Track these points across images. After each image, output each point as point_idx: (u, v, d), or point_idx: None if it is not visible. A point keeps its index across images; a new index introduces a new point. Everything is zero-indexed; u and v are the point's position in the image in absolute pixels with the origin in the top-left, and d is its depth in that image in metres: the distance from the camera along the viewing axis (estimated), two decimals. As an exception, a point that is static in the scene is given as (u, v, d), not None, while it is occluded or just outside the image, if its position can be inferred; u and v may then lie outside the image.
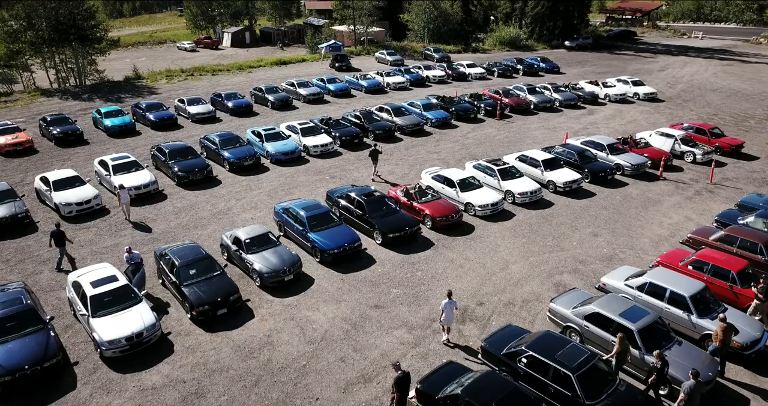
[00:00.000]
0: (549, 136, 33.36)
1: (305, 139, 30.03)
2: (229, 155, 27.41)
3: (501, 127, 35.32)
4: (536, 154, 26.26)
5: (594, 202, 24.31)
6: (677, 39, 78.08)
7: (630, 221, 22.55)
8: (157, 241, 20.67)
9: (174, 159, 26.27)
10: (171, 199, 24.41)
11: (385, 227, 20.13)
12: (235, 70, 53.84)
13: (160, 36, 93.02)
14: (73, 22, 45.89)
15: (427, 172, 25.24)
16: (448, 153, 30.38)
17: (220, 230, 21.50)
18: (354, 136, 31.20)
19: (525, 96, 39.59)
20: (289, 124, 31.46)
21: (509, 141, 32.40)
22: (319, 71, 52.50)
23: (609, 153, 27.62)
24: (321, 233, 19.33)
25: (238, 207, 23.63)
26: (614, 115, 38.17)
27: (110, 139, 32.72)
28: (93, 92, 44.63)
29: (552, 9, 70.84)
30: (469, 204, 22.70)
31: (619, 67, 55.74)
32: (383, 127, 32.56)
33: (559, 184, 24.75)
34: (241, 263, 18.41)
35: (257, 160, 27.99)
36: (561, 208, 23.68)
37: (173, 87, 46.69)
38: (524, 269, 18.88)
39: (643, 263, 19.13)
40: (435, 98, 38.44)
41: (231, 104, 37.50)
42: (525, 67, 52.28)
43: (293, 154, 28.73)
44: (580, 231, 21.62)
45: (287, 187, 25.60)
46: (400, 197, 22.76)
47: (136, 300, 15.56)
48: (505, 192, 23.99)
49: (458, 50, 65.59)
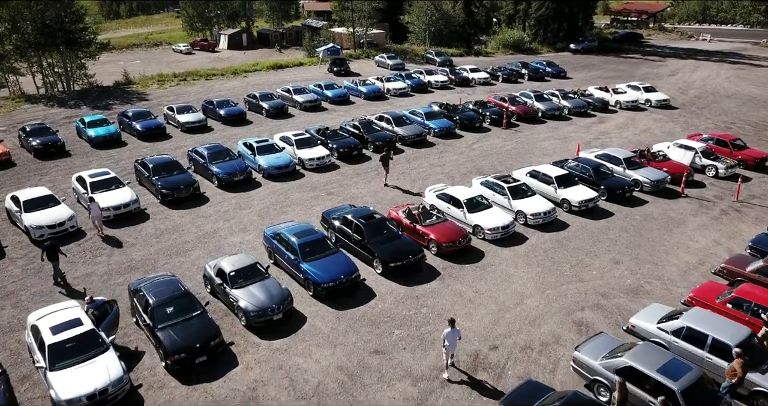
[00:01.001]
0: (559, 147, 31.45)
1: (300, 151, 28.11)
2: (217, 170, 25.49)
3: (508, 137, 33.42)
4: (549, 170, 24.33)
5: (612, 223, 22.40)
6: (685, 41, 76.17)
7: (653, 245, 20.64)
8: (135, 270, 18.75)
9: (158, 175, 24.35)
10: (153, 220, 22.50)
11: (385, 256, 18.20)
12: (230, 74, 51.95)
13: (156, 38, 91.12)
14: (60, 25, 43.99)
15: (431, 190, 23.33)
16: (452, 166, 28.48)
17: (204, 256, 19.60)
18: (352, 147, 29.28)
19: (532, 103, 37.65)
20: (283, 135, 29.54)
21: (517, 153, 30.49)
22: (317, 76, 50.57)
23: (626, 168, 25.69)
24: (314, 263, 17.39)
25: (226, 229, 21.71)
26: (626, 124, 36.27)
27: (94, 151, 30.81)
28: (80, 98, 42.71)
29: (556, 11, 68.87)
30: (478, 227, 20.78)
31: (627, 72, 53.83)
32: (383, 137, 30.64)
33: (574, 203, 22.84)
34: (226, 299, 16.50)
35: (248, 175, 26.08)
36: (577, 230, 21.77)
37: (164, 93, 44.76)
38: (541, 304, 16.97)
39: (672, 298, 17.23)
40: (438, 106, 36.54)
41: (223, 112, 35.59)
42: (530, 71, 50.35)
43: (287, 169, 26.81)
44: (600, 258, 19.71)
45: (280, 206, 23.70)
46: (402, 219, 20.85)
47: (103, 348, 13.64)
48: (516, 213, 22.08)
49: (460, 53, 63.66)
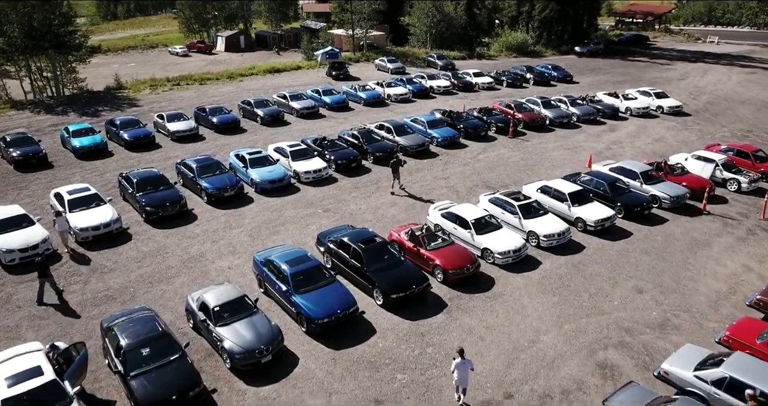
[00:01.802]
0: (569, 158, 29.79)
1: (296, 163, 26.45)
2: (207, 185, 23.82)
3: (515, 146, 31.75)
4: (561, 186, 22.66)
5: (631, 244, 20.73)
6: (692, 44, 74.50)
7: (678, 270, 18.98)
8: (112, 301, 17.09)
9: (142, 190, 22.69)
10: (136, 241, 20.84)
11: (387, 285, 16.54)
12: (225, 78, 50.30)
13: (153, 40, 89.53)
14: (48, 27, 42.38)
15: (435, 208, 21.67)
16: (457, 179, 26.82)
17: (189, 283, 17.95)
18: (351, 159, 27.62)
19: (539, 110, 35.99)
20: (278, 147, 27.87)
21: (525, 164, 28.82)
22: (315, 80, 48.95)
23: (643, 182, 24.02)
24: (308, 295, 15.72)
25: (214, 252, 20.05)
26: (638, 132, 34.61)
27: (78, 162, 29.16)
28: (68, 105, 41.05)
29: (561, 12, 67.24)
30: (487, 250, 19.11)
31: (635, 76, 52.18)
32: (384, 148, 28.96)
33: (590, 222, 21.17)
34: (209, 336, 14.85)
35: (239, 189, 24.41)
36: (594, 252, 20.10)
37: (156, 98, 43.11)
38: (559, 342, 15.31)
39: (704, 334, 15.57)
40: (440, 113, 34.89)
41: (216, 120, 33.92)
42: (535, 75, 48.66)
43: (281, 183, 25.15)
44: (621, 285, 18.04)
45: (272, 225, 22.04)
46: (405, 241, 19.18)
47: (65, 401, 11.96)
48: (528, 233, 20.43)
49: (463, 56, 62.03)
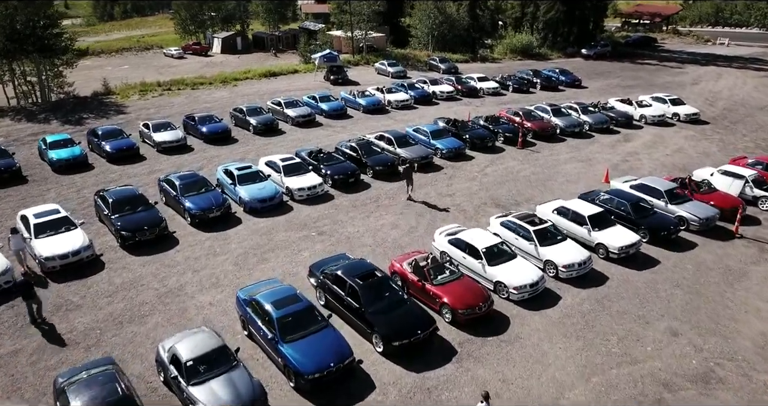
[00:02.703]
0: (584, 171, 27.69)
1: (289, 179, 24.35)
2: (190, 205, 21.71)
3: (524, 158, 29.64)
4: (580, 207, 20.55)
5: (660, 274, 18.63)
6: (701, 46, 72.34)
7: (715, 307, 16.88)
8: (74, 346, 14.99)
9: (118, 212, 20.60)
10: (109, 270, 18.74)
11: (388, 330, 14.44)
12: (219, 83, 48.20)
13: (148, 41, 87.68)
14: (32, 30, 40.34)
15: (442, 233, 19.57)
16: (463, 196, 24.73)
17: (164, 324, 15.87)
18: (349, 174, 25.52)
19: (549, 119, 33.90)
20: (269, 161, 25.76)
21: (537, 179, 26.72)
22: (313, 85, 46.86)
23: (669, 202, 21.93)
24: (297, 344, 13.61)
25: (195, 284, 17.95)
26: (655, 143, 32.49)
27: (55, 176, 27.08)
28: (52, 112, 38.97)
29: (567, 14, 65.19)
30: (501, 284, 17.03)
31: (646, 80, 50.07)
32: (384, 161, 26.84)
33: (613, 249, 19.06)
34: (181, 396, 12.76)
35: (226, 209, 22.31)
36: (618, 284, 18.01)
37: (145, 104, 41.03)
38: (588, 400, 13.22)
39: (755, 390, 13.48)
40: (444, 122, 32.80)
41: (205, 130, 31.81)
42: (543, 80, 46.55)
43: (272, 201, 23.05)
44: (653, 326, 15.95)
45: (261, 251, 19.94)
46: (408, 274, 17.10)
47: None
48: (545, 262, 18.35)
49: (465, 59, 59.87)
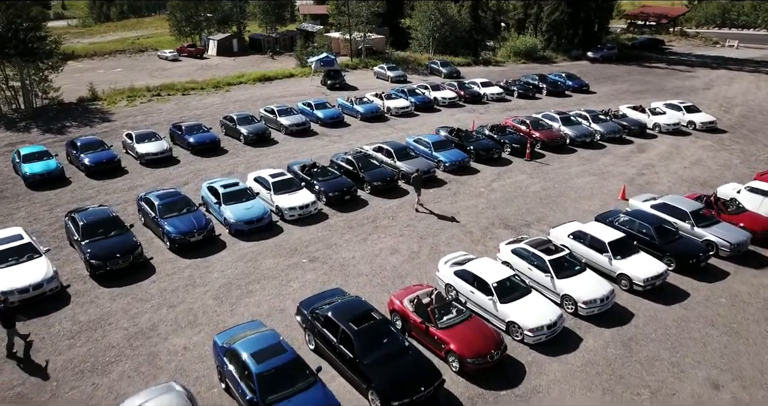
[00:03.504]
0: (597, 186, 25.73)
1: (279, 197, 22.37)
2: (170, 229, 19.72)
3: (533, 171, 27.67)
4: (599, 232, 18.56)
5: (691, 309, 16.65)
6: (710, 48, 70.42)
7: (758, 351, 14.88)
8: (23, 405, 13.04)
9: (89, 237, 18.63)
10: (74, 305, 16.76)
11: (386, 386, 12.45)
12: (211, 88, 46.19)
13: (143, 43, 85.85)
14: (13, 33, 38.37)
15: (447, 262, 17.58)
16: (469, 215, 22.76)
17: (131, 374, 13.90)
18: (345, 190, 23.55)
19: (558, 128, 31.93)
20: (258, 176, 23.78)
21: (548, 195, 24.75)
22: (309, 90, 44.94)
23: (695, 224, 19.96)
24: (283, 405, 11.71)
25: (169, 322, 15.97)
26: (671, 154, 30.51)
27: (28, 193, 25.11)
28: (33, 119, 36.99)
29: (572, 15, 63.30)
30: (514, 325, 15.06)
31: (655, 85, 48.11)
32: (383, 176, 24.85)
33: (637, 281, 17.08)
34: (141, 473, 10.81)
35: (209, 232, 20.30)
36: (645, 323, 16.02)
37: (132, 112, 39.05)
38: (621, 475, 11.27)
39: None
40: (447, 131, 30.83)
41: (192, 140, 29.82)
42: (549, 85, 44.56)
43: (260, 223, 21.07)
44: (689, 376, 13.96)
45: (246, 282, 17.96)
46: (409, 313, 15.12)
47: None
48: (562, 297, 16.39)
49: (468, 62, 57.94)
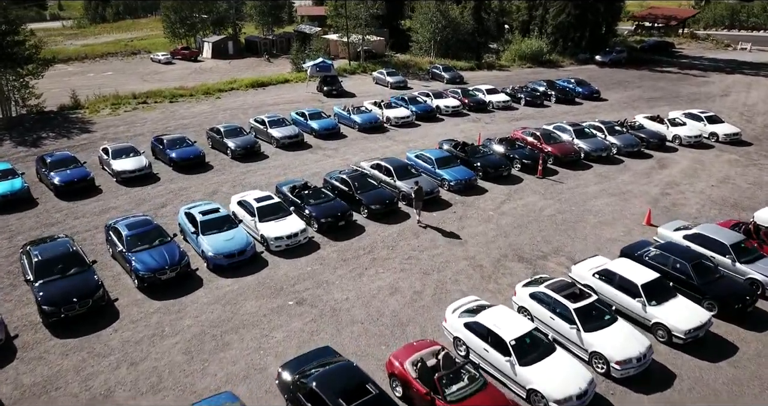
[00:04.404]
0: (618, 209, 23.26)
1: (265, 225, 19.92)
2: (138, 265, 17.28)
3: (546, 191, 25.20)
4: (628, 271, 16.06)
5: (742, 369, 14.18)
6: (722, 51, 67.86)
7: (828, 426, 12.50)
8: None
9: (43, 276, 16.21)
10: (20, 362, 14.31)
11: None
12: (201, 95, 43.76)
13: (136, 45, 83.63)
14: (-11, 37, 36.09)
15: (455, 311, 15.10)
16: (478, 245, 20.28)
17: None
18: (339, 216, 21.08)
19: (572, 141, 29.46)
20: (243, 200, 21.31)
21: (564, 220, 22.28)
22: (304, 97, 42.55)
23: (736, 259, 17.50)
24: None
25: (128, 386, 13.46)
26: (695, 170, 28.03)
27: (-12, 216, 22.78)
28: (8, 130, 34.54)
29: (579, 17, 60.77)
30: (536, 394, 12.61)
31: (669, 91, 45.62)
32: (381, 199, 22.35)
33: (678, 333, 14.61)
34: None
35: (184, 267, 17.85)
36: (691, 386, 13.55)
37: (115, 121, 36.61)
38: None
39: None
40: (451, 144, 28.36)
41: (174, 155, 27.39)
42: (557, 92, 42.04)
43: (242, 256, 18.58)
44: (752, 463, 11.57)
45: (222, 330, 15.49)
46: (411, 379, 12.66)
47: None
48: (591, 355, 13.94)
49: (471, 67, 55.45)
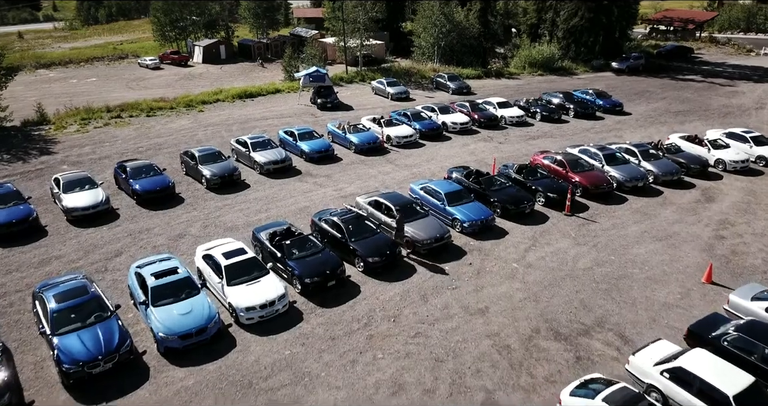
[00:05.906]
0: (668, 259, 19.15)
1: (233, 290, 15.77)
2: (63, 356, 13.15)
3: (578, 233, 21.10)
4: (710, 372, 11.93)
5: None
6: (744, 57, 63.70)
7: None
8: None
9: None
10: None
11: None
12: (182, 107, 39.66)
13: (125, 49, 79.65)
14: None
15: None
16: (502, 314, 16.15)
17: None
18: (329, 274, 16.95)
19: (602, 168, 25.38)
20: (209, 253, 17.21)
21: (605, 276, 18.18)
22: (296, 109, 38.53)
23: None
24: None
25: None
26: (749, 204, 23.92)
27: None
28: (-42, 151, 30.62)
29: (592, 21, 56.66)
30: None
31: (697, 103, 41.52)
32: (380, 248, 18.16)
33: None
34: None
35: (124, 354, 13.75)
36: None
37: (82, 140, 32.50)
38: None
39: None
40: (462, 173, 24.24)
41: (138, 187, 23.30)
42: (576, 105, 37.87)
43: (201, 336, 14.45)
44: None
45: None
46: None
47: None
48: None
49: (478, 74, 51.28)
